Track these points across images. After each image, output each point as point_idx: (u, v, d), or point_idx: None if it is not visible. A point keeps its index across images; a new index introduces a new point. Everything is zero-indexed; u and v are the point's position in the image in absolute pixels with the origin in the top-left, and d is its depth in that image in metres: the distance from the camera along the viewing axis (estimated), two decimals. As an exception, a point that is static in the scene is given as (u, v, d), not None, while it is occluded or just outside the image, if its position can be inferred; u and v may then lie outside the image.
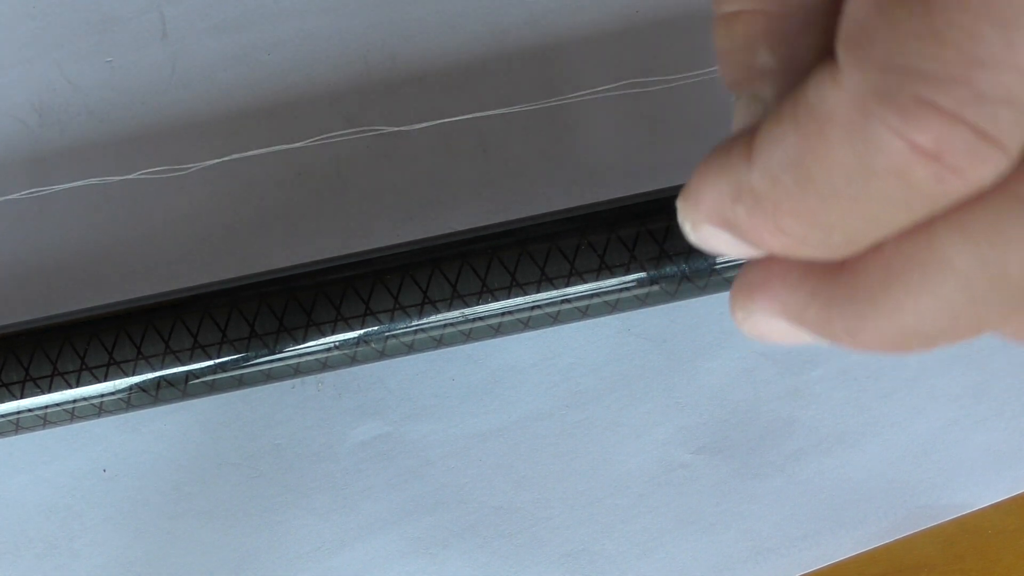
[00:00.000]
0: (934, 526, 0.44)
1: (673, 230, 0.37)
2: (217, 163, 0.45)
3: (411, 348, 0.39)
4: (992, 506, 0.44)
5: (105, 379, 0.38)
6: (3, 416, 0.39)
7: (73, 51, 0.46)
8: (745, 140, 0.21)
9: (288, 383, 0.44)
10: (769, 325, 0.22)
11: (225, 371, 0.39)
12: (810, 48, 0.22)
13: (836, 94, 0.19)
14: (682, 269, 0.38)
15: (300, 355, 0.39)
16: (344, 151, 0.45)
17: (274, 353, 0.39)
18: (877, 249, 0.20)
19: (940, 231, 0.20)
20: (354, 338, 0.39)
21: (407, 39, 0.45)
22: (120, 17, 0.46)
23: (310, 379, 0.44)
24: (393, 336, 0.39)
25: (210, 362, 0.38)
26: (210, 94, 0.46)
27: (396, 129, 0.45)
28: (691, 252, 0.37)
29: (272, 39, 0.46)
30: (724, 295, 0.42)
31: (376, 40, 0.45)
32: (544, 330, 0.43)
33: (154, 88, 0.46)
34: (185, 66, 0.46)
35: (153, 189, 0.45)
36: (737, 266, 0.38)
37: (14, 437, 0.41)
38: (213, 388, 0.39)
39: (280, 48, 0.46)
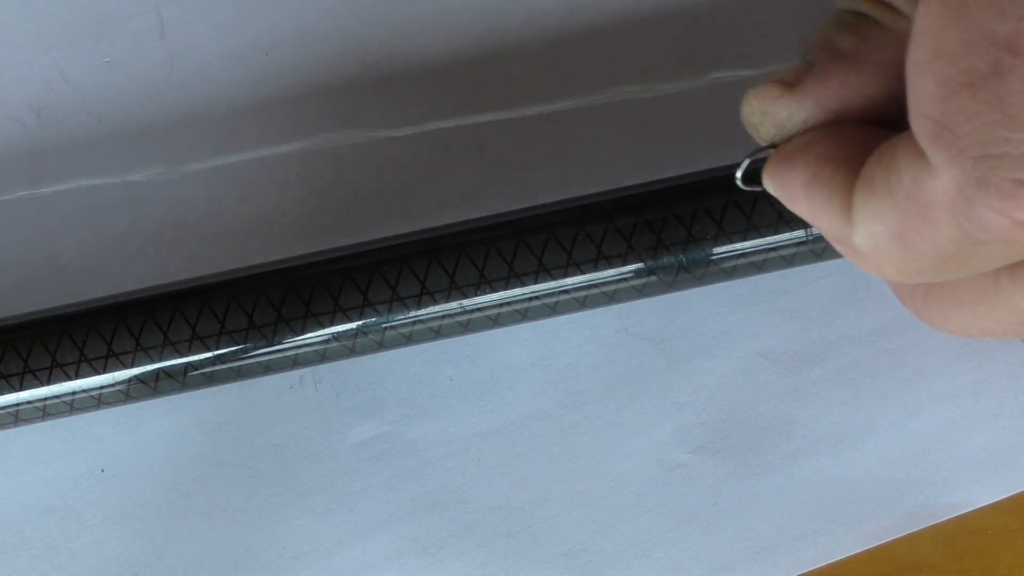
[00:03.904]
0: (934, 526, 0.44)
1: (670, 220, 0.38)
2: (215, 164, 0.45)
3: (409, 339, 0.39)
4: (992, 506, 0.44)
5: (104, 371, 0.38)
6: (2, 408, 0.39)
7: (71, 51, 0.46)
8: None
9: (286, 383, 0.44)
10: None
11: (224, 362, 0.39)
12: None
13: (934, 183, 0.22)
14: (679, 259, 0.38)
15: (299, 346, 0.39)
16: (341, 152, 0.45)
17: (273, 344, 0.39)
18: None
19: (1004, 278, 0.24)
20: (352, 329, 0.39)
21: (405, 39, 0.46)
22: (118, 17, 0.46)
23: (308, 379, 0.44)
24: (391, 327, 0.39)
25: (209, 354, 0.38)
26: (208, 94, 0.46)
27: (394, 130, 0.45)
28: (688, 243, 0.38)
29: (270, 40, 0.46)
30: (722, 292, 0.42)
31: (374, 40, 0.46)
32: (542, 330, 0.43)
33: (152, 88, 0.46)
34: (183, 66, 0.46)
35: (151, 189, 0.45)
36: (733, 256, 0.38)
37: (13, 437, 0.41)
38: (212, 380, 0.39)
39: (278, 48, 0.46)
